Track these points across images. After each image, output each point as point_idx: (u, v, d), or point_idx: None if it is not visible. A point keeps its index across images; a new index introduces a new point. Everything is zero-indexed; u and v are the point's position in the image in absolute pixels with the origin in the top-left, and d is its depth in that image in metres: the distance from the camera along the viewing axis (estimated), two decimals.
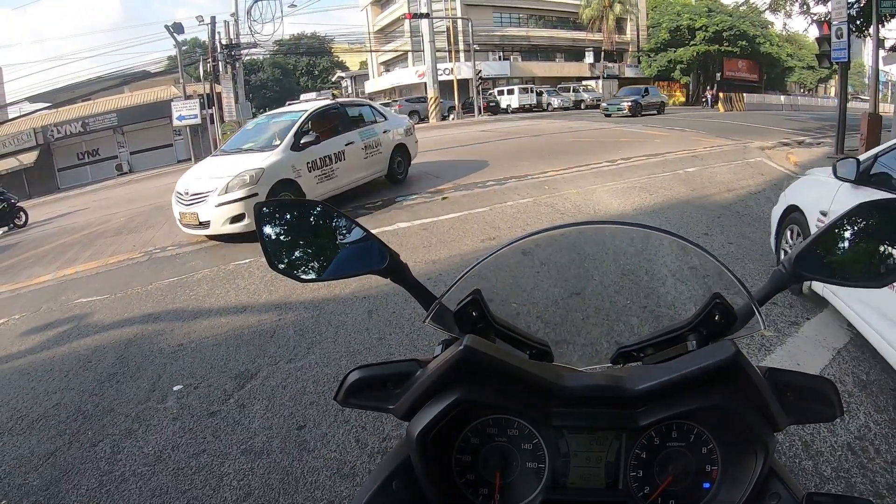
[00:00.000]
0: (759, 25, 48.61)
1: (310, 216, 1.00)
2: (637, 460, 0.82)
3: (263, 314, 5.55)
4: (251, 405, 3.87)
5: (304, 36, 59.48)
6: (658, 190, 9.41)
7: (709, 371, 0.75)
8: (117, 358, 4.94)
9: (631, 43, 52.54)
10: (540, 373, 0.80)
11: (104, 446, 3.60)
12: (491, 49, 46.64)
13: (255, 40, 31.99)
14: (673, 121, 24.15)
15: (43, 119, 33.56)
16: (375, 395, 0.87)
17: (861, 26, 14.18)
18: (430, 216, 8.64)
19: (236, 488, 3.04)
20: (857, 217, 0.90)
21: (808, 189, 4.93)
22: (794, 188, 5.26)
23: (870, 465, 2.78)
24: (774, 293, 0.92)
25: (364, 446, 3.27)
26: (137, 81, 36.15)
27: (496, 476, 0.84)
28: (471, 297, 0.93)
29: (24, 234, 14.91)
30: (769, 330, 4.20)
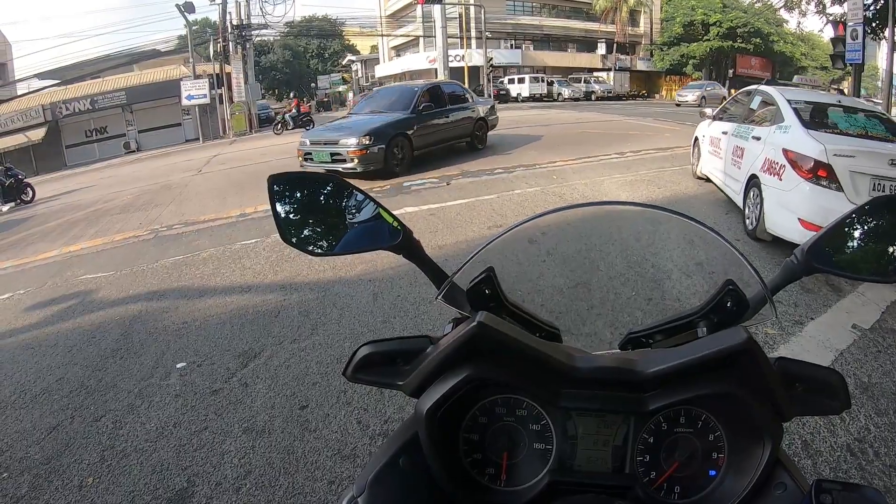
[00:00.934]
0: (773, 23, 48.29)
1: (324, 190, 0.99)
2: (644, 445, 0.82)
3: (268, 294, 5.56)
4: (254, 384, 3.89)
5: (316, 18, 59.21)
6: (666, 184, 9.38)
7: (721, 356, 0.75)
8: (121, 334, 4.96)
9: (644, 36, 52.24)
10: (551, 353, 0.79)
11: (106, 421, 3.62)
12: (503, 37, 46.45)
13: (267, 21, 31.92)
14: (684, 116, 24.03)
15: (52, 96, 33.46)
16: (385, 370, 0.86)
17: (876, 28, 14.07)
18: (438, 202, 8.63)
19: (237, 466, 3.06)
20: (870, 211, 0.90)
21: (700, 127, 9.70)
22: (697, 128, 9.86)
23: (868, 467, 2.78)
24: (786, 283, 0.92)
25: (366, 428, 3.29)
26: (147, 60, 36.08)
27: (503, 456, 0.84)
28: (484, 274, 0.93)
29: (30, 210, 14.95)
30: (773, 328, 4.19)
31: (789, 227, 5.61)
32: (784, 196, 5.74)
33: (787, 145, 5.89)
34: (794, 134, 6.01)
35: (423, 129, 12.34)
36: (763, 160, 6.29)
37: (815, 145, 5.61)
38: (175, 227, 9.01)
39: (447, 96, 13.66)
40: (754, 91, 8.05)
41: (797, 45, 51.60)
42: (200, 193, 12.15)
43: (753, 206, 6.39)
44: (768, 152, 6.23)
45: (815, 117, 6.43)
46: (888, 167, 5.43)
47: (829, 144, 5.55)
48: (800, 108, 6.49)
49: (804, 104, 6.72)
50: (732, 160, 7.41)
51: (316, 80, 61.89)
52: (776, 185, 5.90)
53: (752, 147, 6.77)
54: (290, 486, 2.88)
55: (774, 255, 5.71)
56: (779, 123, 6.41)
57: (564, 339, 1.01)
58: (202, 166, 17.04)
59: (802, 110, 6.45)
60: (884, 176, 5.42)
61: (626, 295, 4.65)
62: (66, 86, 34.38)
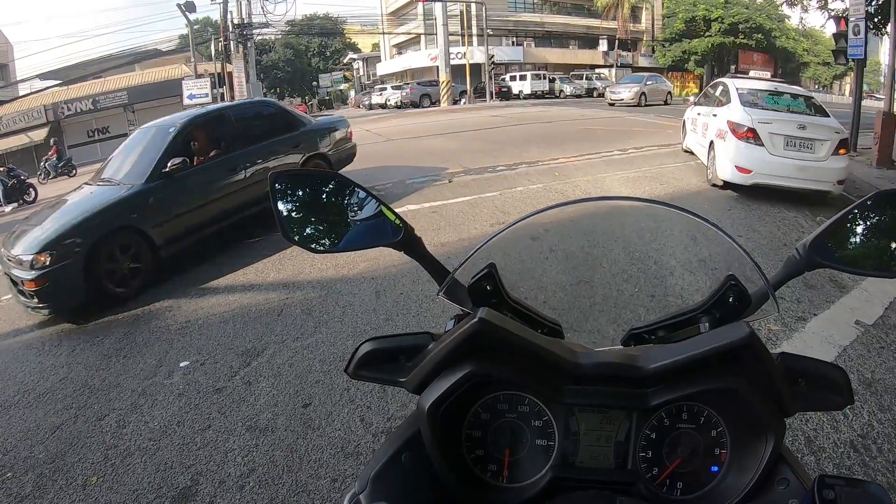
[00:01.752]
0: (775, 19, 48.20)
1: (325, 188, 0.99)
2: (647, 441, 0.82)
3: (271, 293, 5.57)
4: (257, 382, 3.89)
5: (317, 17, 59.27)
6: (669, 180, 9.36)
7: (723, 351, 0.75)
8: (124, 333, 4.97)
9: (645, 32, 52.16)
10: (553, 349, 0.79)
11: (110, 420, 3.63)
12: (504, 34, 46.38)
13: (268, 20, 31.88)
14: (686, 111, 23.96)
15: (53, 96, 33.54)
16: (387, 367, 0.86)
17: (879, 24, 14.00)
18: (440, 199, 8.61)
19: (240, 464, 3.07)
20: (872, 206, 0.90)
21: (686, 111, 11.63)
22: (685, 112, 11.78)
23: (872, 463, 2.78)
24: (788, 279, 0.92)
25: (369, 425, 3.29)
26: (148, 60, 36.10)
27: (505, 453, 0.84)
28: (486, 270, 0.92)
29: (32, 211, 14.95)
30: (776, 324, 4.19)
31: (730, 172, 8.26)
32: (727, 152, 8.35)
33: (730, 118, 8.48)
34: (735, 110, 8.61)
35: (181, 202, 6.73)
36: (717, 130, 8.86)
37: (746, 117, 8.27)
38: None
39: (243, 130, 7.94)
40: (719, 82, 10.39)
41: (799, 40, 51.50)
42: None
43: (710, 163, 8.99)
44: (720, 124, 8.76)
45: (751, 99, 8.95)
46: (796, 130, 8.03)
47: (755, 116, 8.24)
48: (742, 93, 9.05)
49: (747, 91, 9.22)
50: (703, 133, 9.90)
51: (318, 79, 61.92)
52: (723, 146, 8.50)
53: (712, 122, 9.22)
54: (294, 483, 2.88)
55: (727, 198, 5.71)
56: (727, 104, 8.97)
57: (567, 335, 1.01)
58: None
59: (744, 94, 9.04)
60: (792, 136, 8.03)
61: (628, 291, 4.64)
62: (68, 86, 34.44)
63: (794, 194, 7.88)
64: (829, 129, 8.10)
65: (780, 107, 8.74)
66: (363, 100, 45.84)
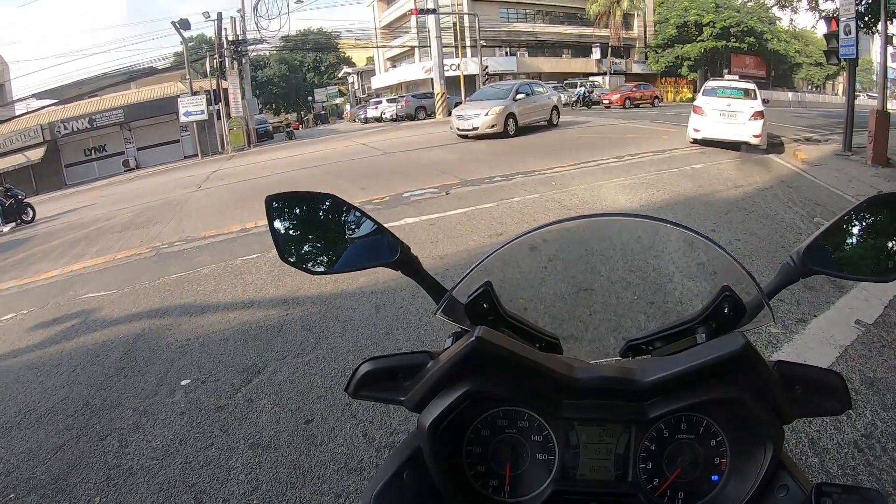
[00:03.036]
0: (766, 21, 48.48)
1: (321, 208, 0.99)
2: (646, 452, 0.82)
3: (271, 309, 5.57)
4: (259, 400, 3.88)
5: (311, 32, 59.48)
6: (665, 186, 9.39)
7: (719, 363, 0.75)
8: (125, 352, 4.96)
9: (638, 39, 52.46)
10: (550, 364, 0.80)
11: (112, 440, 3.62)
12: (497, 45, 46.65)
13: (262, 36, 32.07)
14: (681, 117, 24.06)
15: (50, 115, 33.59)
16: (386, 386, 0.87)
17: (869, 23, 14.11)
18: (437, 212, 8.63)
19: (244, 482, 3.06)
20: (865, 211, 0.90)
21: None
22: None
23: (876, 462, 2.77)
24: (783, 286, 0.92)
25: (372, 441, 3.28)
26: (144, 78, 36.20)
27: (506, 468, 0.84)
28: (482, 288, 0.93)
29: (31, 230, 14.98)
30: (776, 327, 4.19)
31: (691, 132, 14.23)
32: (690, 121, 14.35)
33: (696, 102, 14.77)
34: (698, 97, 15.03)
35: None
36: (692, 109, 14.70)
37: (701, 100, 14.44)
38: (176, 244, 9.02)
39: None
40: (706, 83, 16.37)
41: (791, 42, 51.76)
42: (201, 209, 12.17)
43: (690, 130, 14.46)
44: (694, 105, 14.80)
45: (709, 90, 15.04)
46: (725, 107, 13.77)
47: (702, 99, 14.42)
48: (706, 88, 15.35)
49: (710, 85, 15.51)
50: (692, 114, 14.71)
51: (313, 94, 62.16)
52: (692, 118, 14.32)
53: None
54: (298, 500, 2.87)
55: (724, 203, 5.74)
56: (698, 94, 15.56)
57: (566, 345, 1.01)
58: (202, 182, 17.08)
59: (706, 89, 15.30)
60: (723, 110, 13.78)
61: (627, 299, 4.62)
62: (64, 105, 34.56)
63: (789, 198, 7.90)
64: (748, 106, 13.75)
65: (723, 95, 14.43)
66: (358, 113, 46.09)
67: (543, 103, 20.52)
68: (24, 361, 5.14)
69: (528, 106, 19.41)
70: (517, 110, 18.62)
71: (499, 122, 17.81)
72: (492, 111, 17.83)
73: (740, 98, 14.10)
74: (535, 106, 19.83)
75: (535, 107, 19.83)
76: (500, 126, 17.83)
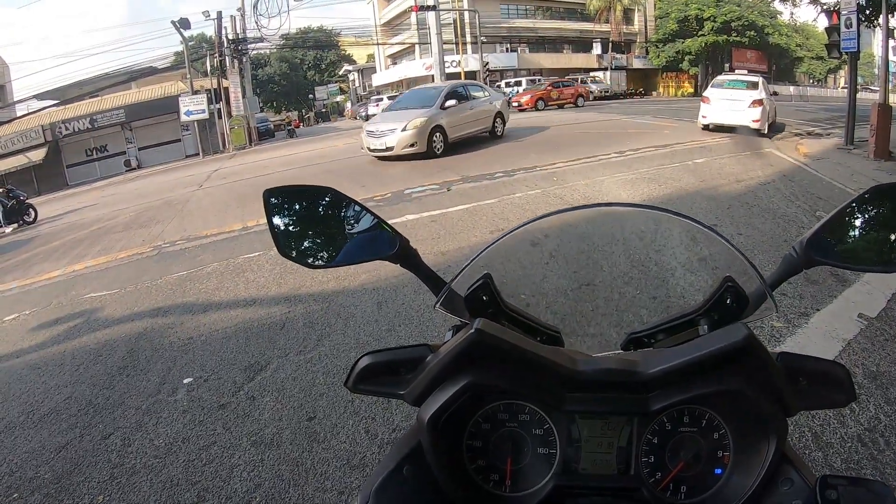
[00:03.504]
0: (767, 15, 48.35)
1: (320, 202, 0.99)
2: (649, 446, 0.81)
3: (273, 307, 5.57)
4: (261, 397, 3.89)
5: (311, 30, 59.49)
6: (667, 181, 9.38)
7: (722, 354, 0.75)
8: (128, 351, 4.97)
9: (639, 34, 52.37)
10: (552, 357, 0.79)
11: (115, 439, 3.62)
12: (498, 41, 46.59)
13: (262, 35, 32.05)
14: (682, 112, 24.04)
15: (51, 116, 33.61)
16: (386, 380, 0.86)
17: (870, 16, 14.06)
18: (439, 208, 8.63)
19: (246, 480, 3.06)
20: (868, 201, 0.89)
21: None
22: None
23: (880, 456, 2.77)
24: (786, 277, 0.92)
25: (374, 437, 3.28)
26: (145, 77, 36.23)
27: (507, 462, 0.83)
28: (481, 280, 0.92)
29: (33, 231, 15.00)
30: (779, 321, 4.18)
31: (700, 119, 16.49)
32: (701, 109, 16.51)
33: (705, 93, 17.07)
34: (708, 89, 17.19)
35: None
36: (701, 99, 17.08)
37: (709, 92, 16.85)
38: (178, 243, 9.03)
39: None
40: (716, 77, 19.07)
41: (792, 36, 51.62)
42: (202, 208, 12.19)
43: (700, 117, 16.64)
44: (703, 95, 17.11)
45: (717, 83, 17.26)
46: (729, 97, 15.91)
47: (711, 91, 16.83)
48: (715, 80, 17.76)
49: (719, 79, 17.79)
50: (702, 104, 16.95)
51: (313, 91, 62.16)
52: (701, 107, 16.55)
53: None
54: (300, 497, 2.87)
55: (727, 197, 5.73)
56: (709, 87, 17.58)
57: (568, 340, 1.00)
58: (203, 181, 17.09)
59: (715, 81, 17.61)
60: (726, 99, 15.90)
61: (630, 294, 4.62)
62: (65, 105, 34.57)
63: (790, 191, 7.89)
64: (748, 96, 15.74)
65: (729, 87, 16.58)
66: (359, 111, 46.00)
67: (483, 109, 16.48)
68: (27, 361, 5.15)
69: (463, 115, 15.47)
70: (446, 121, 14.74)
71: (420, 138, 13.92)
72: (411, 125, 13.87)
73: (743, 89, 16.04)
74: (471, 114, 15.90)
75: (471, 115, 15.89)
76: (423, 144, 13.98)
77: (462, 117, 15.40)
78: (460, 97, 15.70)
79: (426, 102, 15.12)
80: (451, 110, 15.03)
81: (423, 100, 15.50)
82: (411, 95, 17.55)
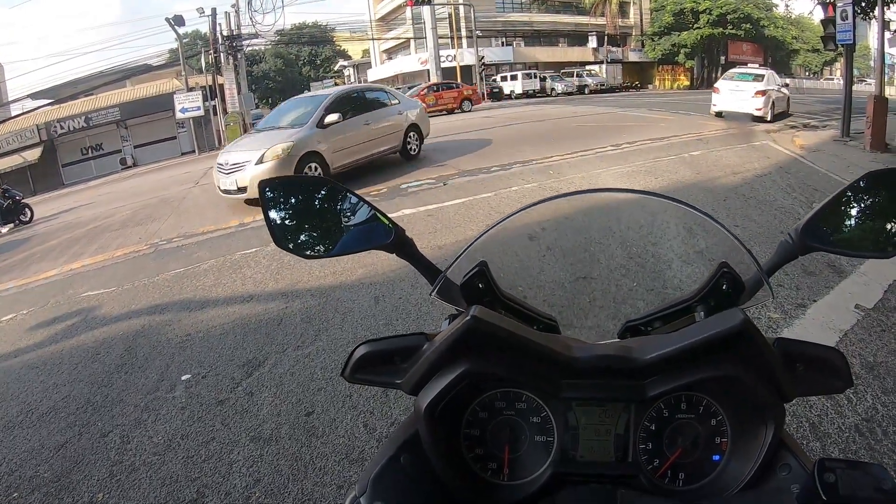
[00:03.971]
0: (763, 8, 48.34)
1: (317, 193, 0.98)
2: (646, 433, 0.81)
3: (270, 302, 5.57)
4: (259, 393, 3.89)
5: (306, 25, 59.31)
6: (663, 174, 9.38)
7: (718, 339, 0.74)
8: (125, 349, 4.97)
9: (634, 27, 52.30)
10: (548, 344, 0.79)
11: (114, 437, 3.63)
12: (493, 35, 46.47)
13: (257, 31, 31.93)
14: (677, 105, 24.04)
15: (46, 115, 33.49)
16: (383, 369, 0.86)
17: (866, 8, 14.04)
18: (435, 202, 8.63)
19: (246, 475, 3.06)
20: (864, 186, 0.89)
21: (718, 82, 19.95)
22: None
23: (877, 446, 2.78)
24: (782, 264, 0.91)
25: (373, 431, 3.29)
26: (139, 75, 36.09)
27: (505, 450, 0.83)
28: (477, 268, 0.92)
29: (30, 231, 14.96)
30: (776, 311, 4.19)
31: (711, 107, 18.55)
32: (712, 98, 18.60)
33: (716, 84, 19.09)
34: (719, 80, 19.39)
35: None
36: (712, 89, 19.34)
37: (720, 83, 18.93)
38: (174, 241, 9.01)
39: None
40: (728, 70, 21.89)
41: (788, 28, 51.61)
42: (199, 205, 12.15)
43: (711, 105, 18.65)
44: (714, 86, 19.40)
45: (728, 76, 19.23)
46: (736, 87, 17.76)
47: (721, 82, 18.84)
48: (727, 73, 19.96)
49: (730, 72, 19.81)
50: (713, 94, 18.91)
51: (309, 87, 62.00)
52: (713, 96, 18.68)
53: None
54: (300, 492, 2.88)
55: (723, 189, 5.75)
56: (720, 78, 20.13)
57: (566, 331, 1.00)
58: (199, 178, 17.02)
59: (726, 74, 19.75)
60: (734, 90, 17.72)
61: (627, 286, 4.64)
62: (60, 104, 34.44)
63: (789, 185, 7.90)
64: (752, 87, 17.35)
65: (738, 79, 18.28)
66: None
67: (389, 124, 12.41)
68: (26, 361, 5.14)
69: (355, 132, 11.42)
70: (327, 145, 10.70)
71: (283, 171, 9.40)
72: (270, 154, 9.90)
73: (750, 81, 17.86)
74: (369, 130, 11.80)
75: (369, 132, 11.79)
76: None
77: (353, 136, 11.38)
78: (351, 109, 11.69)
79: (299, 120, 11.17)
80: (335, 128, 10.91)
81: (298, 115, 11.46)
82: (286, 108, 12.78)
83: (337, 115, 10.91)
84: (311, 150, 10.39)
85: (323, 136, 10.69)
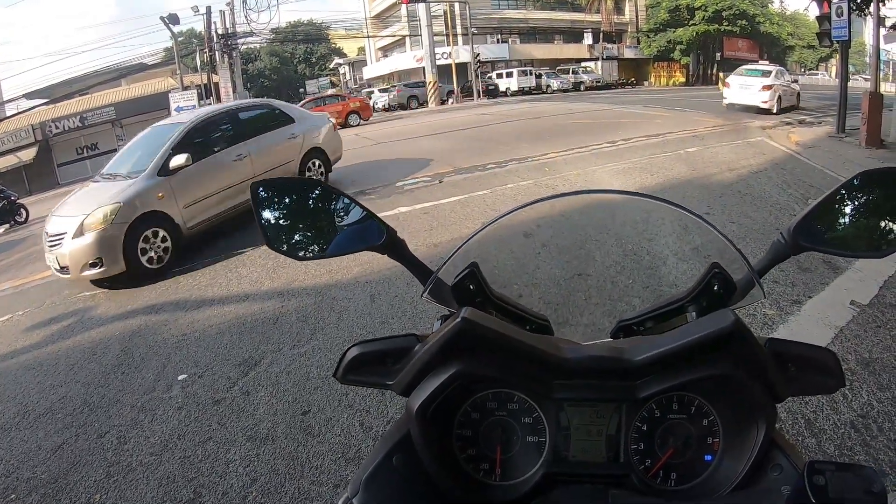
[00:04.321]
0: (758, 4, 48.27)
1: (309, 195, 0.99)
2: (638, 433, 0.82)
3: (266, 302, 5.56)
4: (256, 392, 3.89)
5: (301, 23, 59.15)
6: (659, 170, 9.38)
7: (709, 339, 0.75)
8: (122, 350, 4.96)
9: (630, 23, 52.21)
10: (540, 345, 0.79)
11: (111, 437, 3.63)
12: (489, 32, 46.36)
13: (252, 29, 31.84)
14: (673, 101, 24.05)
15: (41, 115, 33.38)
16: (375, 370, 0.86)
17: (861, 5, 14.04)
18: (431, 200, 8.62)
19: (242, 475, 3.06)
20: (856, 186, 0.89)
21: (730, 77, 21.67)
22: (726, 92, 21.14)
23: (873, 442, 2.78)
24: (774, 264, 0.91)
25: (368, 430, 3.29)
26: (134, 74, 35.97)
27: (497, 450, 0.83)
28: (468, 269, 0.92)
29: (25, 231, 14.90)
30: (771, 308, 4.20)
31: (723, 99, 20.22)
32: (724, 92, 20.60)
33: (727, 79, 21.04)
34: (731, 76, 21.03)
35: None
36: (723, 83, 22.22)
37: (731, 78, 20.62)
38: None
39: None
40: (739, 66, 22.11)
41: (783, 25, 51.58)
42: None
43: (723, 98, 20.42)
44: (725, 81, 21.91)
45: (738, 71, 20.77)
46: (744, 82, 19.51)
47: (732, 78, 20.49)
48: (738, 70, 21.24)
49: (741, 69, 21.05)
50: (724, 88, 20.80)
51: (304, 85, 61.86)
52: (724, 90, 20.74)
53: None
54: (296, 491, 2.88)
55: (719, 185, 5.76)
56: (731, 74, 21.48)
57: (557, 330, 1.00)
58: None
59: (737, 70, 21.22)
60: (742, 84, 19.52)
61: (622, 283, 4.64)
62: (55, 104, 34.31)
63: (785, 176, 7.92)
64: (759, 82, 18.89)
65: (747, 74, 19.85)
66: None
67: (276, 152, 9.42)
68: (22, 362, 5.14)
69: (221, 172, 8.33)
70: (174, 200, 7.57)
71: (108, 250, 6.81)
72: (91, 219, 6.88)
73: (758, 76, 19.51)
74: (243, 167, 8.63)
75: (243, 169, 8.60)
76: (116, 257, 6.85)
77: (220, 178, 8.29)
78: (217, 140, 8.68)
79: (139, 164, 7.92)
80: (189, 172, 7.79)
81: (140, 156, 8.19)
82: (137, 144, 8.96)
83: (186, 155, 7.67)
84: (149, 211, 7.23)
85: (168, 186, 7.53)
